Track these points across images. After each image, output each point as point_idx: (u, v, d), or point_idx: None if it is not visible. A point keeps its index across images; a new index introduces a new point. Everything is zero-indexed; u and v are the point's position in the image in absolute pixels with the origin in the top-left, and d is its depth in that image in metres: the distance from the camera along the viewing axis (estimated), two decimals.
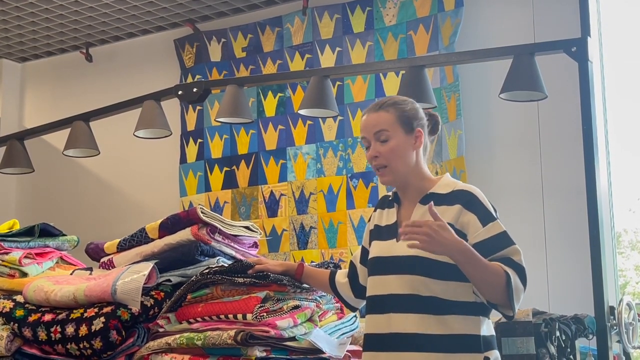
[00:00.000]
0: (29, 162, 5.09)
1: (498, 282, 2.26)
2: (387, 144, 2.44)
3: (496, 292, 2.28)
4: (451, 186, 2.43)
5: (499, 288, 2.26)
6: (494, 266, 2.28)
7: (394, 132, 2.44)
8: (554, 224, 4.58)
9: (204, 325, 2.70)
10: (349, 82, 5.28)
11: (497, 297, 2.29)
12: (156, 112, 4.55)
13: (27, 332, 2.86)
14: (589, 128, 3.58)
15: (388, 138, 2.43)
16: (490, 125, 4.85)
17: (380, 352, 2.39)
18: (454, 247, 2.23)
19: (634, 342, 3.61)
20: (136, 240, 3.17)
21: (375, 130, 2.45)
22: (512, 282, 2.26)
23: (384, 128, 2.44)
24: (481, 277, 2.27)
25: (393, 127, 2.44)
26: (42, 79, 6.84)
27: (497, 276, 2.26)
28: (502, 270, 2.27)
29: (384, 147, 2.44)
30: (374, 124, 2.46)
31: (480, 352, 2.31)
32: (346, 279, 2.73)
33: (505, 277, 2.26)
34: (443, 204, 2.39)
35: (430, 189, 2.45)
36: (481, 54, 4.12)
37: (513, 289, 2.26)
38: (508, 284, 2.25)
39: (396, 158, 2.43)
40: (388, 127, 2.44)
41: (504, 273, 2.26)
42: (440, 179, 2.48)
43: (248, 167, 5.65)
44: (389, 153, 2.43)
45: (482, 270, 2.26)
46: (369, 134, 2.46)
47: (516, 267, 2.30)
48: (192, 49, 5.96)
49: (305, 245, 5.33)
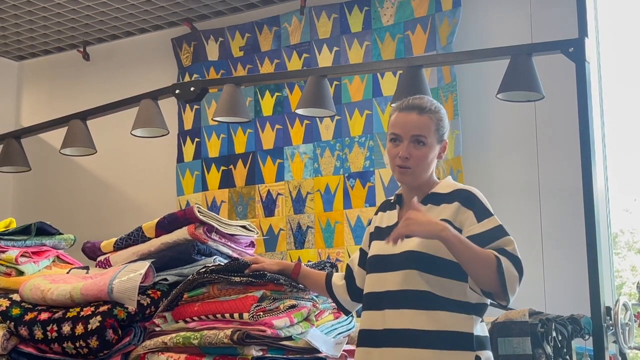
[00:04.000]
0: (25, 160, 5.08)
1: (489, 266, 2.26)
2: (421, 149, 2.45)
3: (488, 277, 2.27)
4: (452, 186, 2.48)
5: (490, 272, 2.26)
6: (484, 250, 2.29)
7: (430, 140, 2.46)
8: (551, 224, 4.58)
9: (201, 324, 2.70)
10: (346, 82, 5.28)
11: (490, 282, 2.28)
12: (153, 111, 4.54)
13: (24, 331, 2.86)
14: (586, 129, 3.58)
15: (424, 144, 2.45)
16: (488, 126, 4.85)
17: (374, 347, 2.40)
18: (438, 226, 2.26)
19: (630, 343, 3.61)
20: (133, 239, 3.18)
21: (415, 132, 2.45)
22: (504, 268, 2.26)
23: (424, 134, 2.45)
24: (470, 257, 2.27)
25: (431, 135, 2.47)
26: (39, 77, 6.83)
27: (488, 260, 2.26)
28: (493, 255, 2.27)
29: (418, 152, 2.45)
30: (416, 125, 2.46)
31: (472, 350, 2.32)
32: (343, 282, 2.73)
33: (496, 261, 2.26)
34: (443, 202, 2.43)
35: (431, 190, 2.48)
36: (478, 54, 4.12)
37: (505, 276, 2.26)
38: (499, 269, 2.25)
39: (423, 165, 2.46)
40: (427, 134, 2.46)
41: (495, 257, 2.26)
42: (443, 180, 2.52)
43: (245, 167, 5.64)
44: (421, 159, 2.45)
45: (471, 250, 2.27)
46: (406, 134, 2.46)
47: (509, 256, 2.30)
48: (190, 48, 5.96)
49: (302, 245, 5.33)
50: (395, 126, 2.49)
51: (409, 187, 2.52)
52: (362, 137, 5.18)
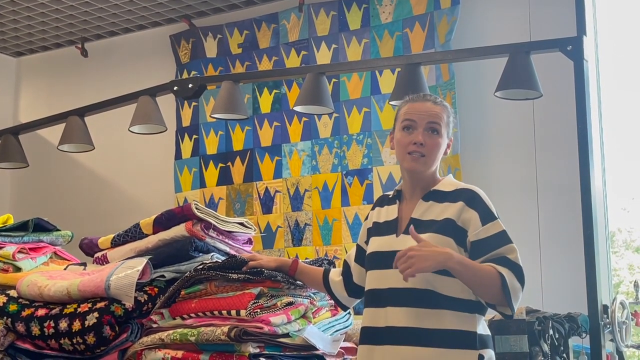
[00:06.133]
0: (23, 156, 5.08)
1: (493, 284, 2.28)
2: (436, 137, 2.47)
3: (493, 294, 2.30)
4: (454, 185, 2.48)
5: (495, 289, 2.29)
6: (487, 269, 2.29)
7: (443, 131, 2.48)
8: (549, 223, 4.58)
9: (198, 321, 2.70)
10: (344, 79, 5.28)
11: (495, 298, 2.32)
12: (151, 108, 4.54)
13: (21, 327, 2.86)
14: (584, 127, 3.58)
15: (439, 132, 2.47)
16: (486, 124, 4.85)
17: (376, 345, 2.40)
18: (442, 257, 2.25)
19: (627, 341, 3.61)
20: (130, 236, 3.17)
21: (431, 119, 2.46)
22: (508, 283, 2.28)
23: (439, 122, 2.47)
24: (476, 281, 2.29)
25: (444, 126, 2.48)
26: (37, 73, 6.82)
27: (492, 279, 2.28)
28: (496, 272, 2.28)
29: (433, 140, 2.46)
30: (432, 113, 2.47)
31: (475, 348, 2.32)
32: (340, 278, 2.73)
33: (500, 279, 2.28)
34: (446, 200, 2.43)
35: (433, 187, 2.48)
36: (477, 52, 4.12)
37: (510, 290, 2.28)
38: (504, 286, 2.27)
39: (435, 154, 2.47)
40: (442, 123, 2.48)
41: (499, 275, 2.28)
42: (444, 178, 2.52)
43: (243, 164, 5.64)
44: (434, 147, 2.46)
45: (476, 274, 2.28)
46: (422, 120, 2.46)
47: (512, 266, 2.31)
48: (188, 44, 5.95)
49: (299, 242, 5.33)
50: (410, 113, 2.49)
51: (412, 182, 2.51)
52: (360, 135, 5.18)
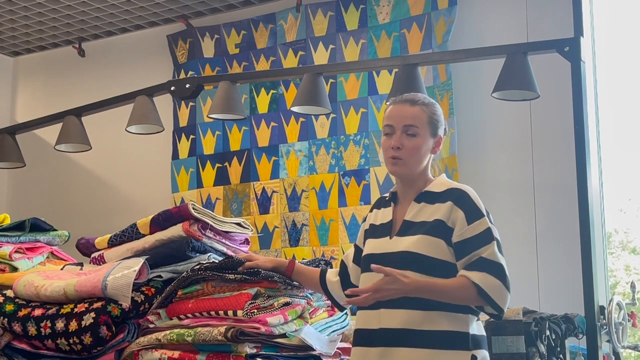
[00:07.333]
0: (20, 156, 5.08)
1: (468, 294, 2.32)
2: (413, 139, 2.47)
3: (473, 301, 2.34)
4: (446, 185, 2.48)
5: (472, 297, 2.32)
6: (458, 282, 2.33)
7: (423, 131, 2.48)
8: (545, 224, 4.58)
9: (195, 321, 2.70)
10: (342, 80, 5.28)
11: (477, 303, 2.35)
12: (148, 108, 4.54)
13: (17, 327, 2.85)
14: (580, 128, 3.59)
15: (416, 134, 2.47)
16: (483, 124, 4.86)
17: (370, 347, 2.40)
18: (405, 290, 2.31)
19: (623, 342, 3.62)
20: (127, 236, 3.17)
21: (406, 122, 2.47)
22: (484, 287, 2.30)
23: (415, 124, 2.47)
24: (449, 299, 2.33)
25: (423, 126, 2.48)
26: (34, 73, 6.81)
27: (465, 289, 2.32)
28: (469, 282, 2.31)
29: (410, 142, 2.47)
30: (407, 116, 2.48)
31: (468, 349, 2.33)
32: (337, 278, 2.73)
33: (475, 289, 2.31)
34: (437, 201, 2.43)
35: (425, 188, 2.48)
36: (474, 52, 4.12)
37: (489, 293, 2.31)
38: (480, 292, 2.31)
39: (415, 156, 2.47)
40: (420, 124, 2.48)
41: (472, 285, 2.31)
42: (436, 179, 2.52)
43: (240, 164, 5.64)
44: (412, 149, 2.47)
45: (446, 293, 2.32)
46: (398, 124, 2.48)
47: (488, 265, 2.33)
48: (185, 44, 5.95)
49: (296, 243, 5.33)
50: (388, 117, 2.52)
51: (403, 184, 2.53)
52: (358, 135, 5.18)
